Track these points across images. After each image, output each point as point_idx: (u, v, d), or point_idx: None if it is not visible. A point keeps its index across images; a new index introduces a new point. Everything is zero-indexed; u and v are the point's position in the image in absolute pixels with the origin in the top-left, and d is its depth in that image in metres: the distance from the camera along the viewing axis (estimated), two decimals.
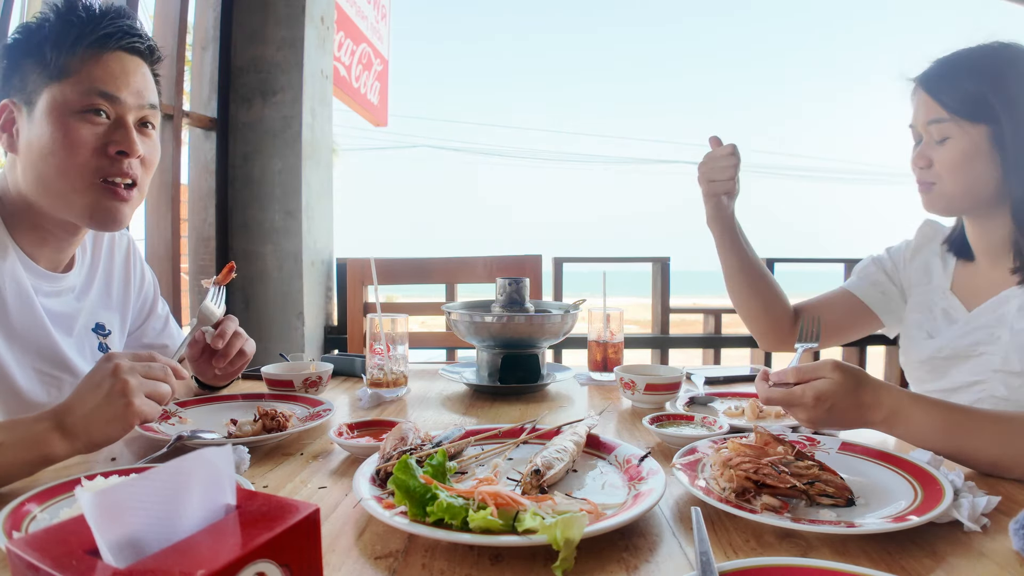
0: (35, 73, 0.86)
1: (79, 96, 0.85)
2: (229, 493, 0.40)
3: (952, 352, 1.04)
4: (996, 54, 0.98)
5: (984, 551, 0.56)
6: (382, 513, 0.59)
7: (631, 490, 0.67)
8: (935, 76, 1.00)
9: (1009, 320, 0.97)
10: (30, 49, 0.86)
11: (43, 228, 0.93)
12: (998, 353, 0.97)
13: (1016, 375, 0.95)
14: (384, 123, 4.68)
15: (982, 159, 0.96)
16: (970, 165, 0.97)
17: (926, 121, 1.00)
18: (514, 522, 0.56)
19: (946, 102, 0.97)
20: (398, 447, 0.73)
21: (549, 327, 1.22)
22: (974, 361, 1.01)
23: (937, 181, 1.00)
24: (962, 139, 0.96)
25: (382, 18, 4.40)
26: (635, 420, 1.02)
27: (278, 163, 2.40)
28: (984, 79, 0.95)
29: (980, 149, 0.96)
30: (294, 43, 2.37)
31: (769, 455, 0.67)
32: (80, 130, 0.86)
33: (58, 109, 0.85)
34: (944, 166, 0.99)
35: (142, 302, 1.17)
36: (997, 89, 0.94)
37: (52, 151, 0.85)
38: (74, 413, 0.72)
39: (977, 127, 0.95)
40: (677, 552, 0.57)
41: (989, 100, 0.94)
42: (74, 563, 0.34)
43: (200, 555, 0.35)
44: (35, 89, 0.86)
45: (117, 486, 0.35)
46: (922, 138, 1.02)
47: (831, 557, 0.54)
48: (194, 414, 1.01)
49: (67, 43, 0.85)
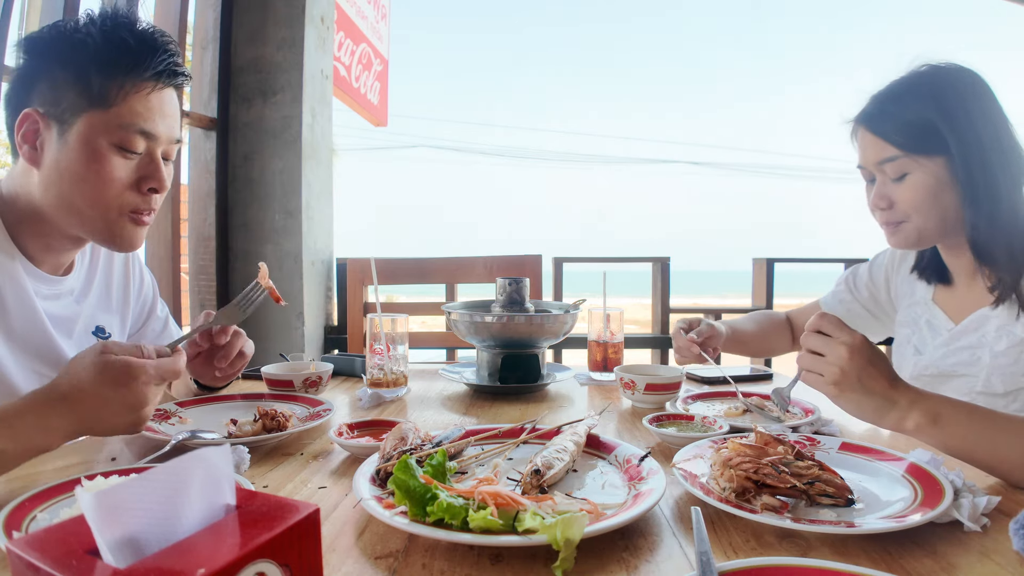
0: (73, 93, 0.83)
1: (119, 130, 0.85)
2: (229, 493, 0.40)
3: (937, 371, 1.03)
4: (932, 79, 0.95)
5: (984, 551, 0.56)
6: (382, 513, 0.59)
7: (631, 490, 0.67)
8: (876, 113, 0.97)
9: (989, 342, 0.96)
10: (68, 65, 0.84)
11: (50, 237, 0.92)
12: (980, 375, 0.97)
13: (999, 397, 0.95)
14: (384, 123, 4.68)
15: (946, 190, 0.94)
16: (936, 199, 0.94)
17: (877, 161, 0.97)
18: (514, 522, 0.56)
19: (894, 139, 0.94)
20: (398, 447, 0.73)
21: (549, 327, 1.22)
22: (958, 381, 1.00)
23: (905, 219, 0.98)
24: (922, 174, 0.94)
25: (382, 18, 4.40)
26: (635, 420, 1.02)
27: (278, 163, 2.40)
28: (927, 107, 0.93)
29: (942, 181, 0.93)
30: (294, 43, 2.37)
31: (769, 455, 0.67)
32: (115, 164, 0.86)
33: (96, 139, 0.84)
34: (910, 204, 0.96)
35: (141, 304, 1.17)
36: (942, 115, 0.92)
37: (84, 179, 0.85)
38: (84, 406, 0.71)
39: (933, 160, 0.93)
40: (677, 552, 0.57)
41: (937, 128, 0.92)
42: (74, 563, 0.34)
43: (200, 555, 0.35)
44: (71, 110, 0.84)
45: (117, 486, 0.35)
46: (875, 178, 1.00)
47: (831, 557, 0.54)
48: (194, 414, 1.01)
49: (115, 74, 0.84)
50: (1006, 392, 0.94)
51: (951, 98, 0.93)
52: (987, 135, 0.91)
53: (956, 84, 0.95)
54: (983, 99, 0.94)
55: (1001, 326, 0.95)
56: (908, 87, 0.96)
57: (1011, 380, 0.93)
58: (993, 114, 0.93)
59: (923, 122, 0.92)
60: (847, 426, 1.00)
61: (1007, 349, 0.93)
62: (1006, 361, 0.94)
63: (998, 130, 0.93)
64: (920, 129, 0.93)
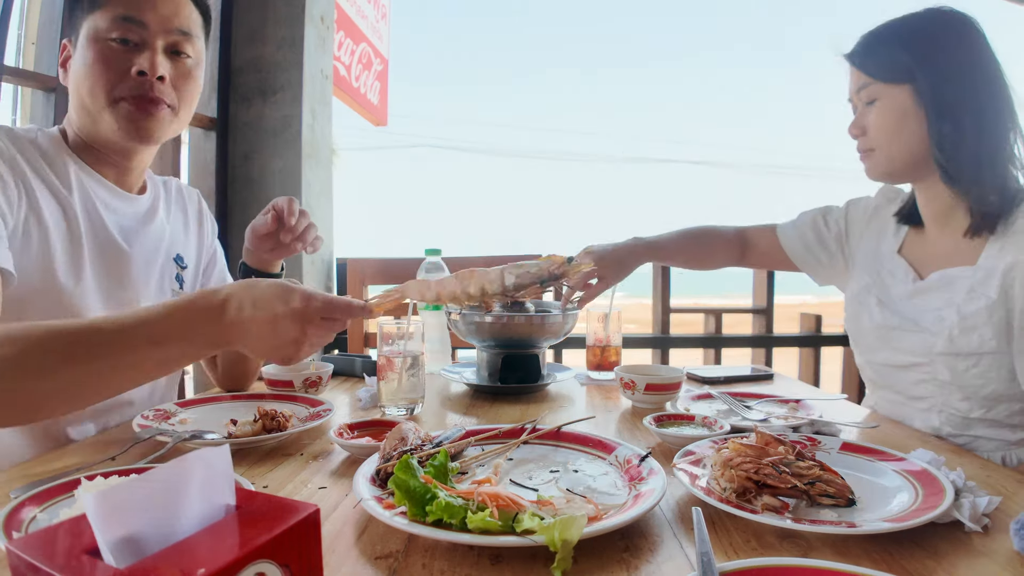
0: (79, 8, 0.94)
1: (108, 23, 0.91)
2: (229, 493, 0.40)
3: (899, 320, 1.05)
4: (919, 20, 1.01)
5: (985, 551, 0.56)
6: (382, 513, 0.59)
7: (631, 490, 0.67)
8: (860, 49, 1.04)
9: (958, 302, 0.97)
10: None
11: (98, 151, 0.99)
12: (942, 334, 0.97)
13: (963, 357, 0.96)
14: (384, 123, 4.67)
15: (911, 119, 0.99)
16: (900, 125, 1.00)
17: (855, 90, 1.04)
18: (513, 523, 0.55)
19: (870, 69, 1.01)
20: (398, 447, 0.73)
21: (549, 327, 1.22)
22: (919, 337, 1.01)
23: (875, 147, 1.04)
24: (888, 100, 1.00)
25: (382, 17, 4.39)
26: (635, 420, 1.02)
27: (278, 163, 2.39)
28: (903, 43, 0.99)
29: (907, 109, 0.99)
30: (294, 42, 2.36)
31: (770, 455, 0.67)
32: (107, 55, 0.92)
33: (91, 37, 0.92)
34: (877, 129, 1.02)
35: (210, 246, 1.25)
36: (915, 50, 0.97)
37: (85, 75, 0.93)
38: (249, 335, 0.72)
39: (901, 87, 0.99)
40: (678, 552, 0.57)
41: (906, 58, 0.98)
42: (74, 563, 0.34)
43: (200, 555, 0.35)
44: (78, 23, 0.94)
45: (117, 486, 0.35)
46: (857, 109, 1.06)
47: (832, 557, 0.54)
48: (194, 414, 1.01)
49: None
50: (970, 353, 0.95)
51: (926, 33, 0.99)
52: (959, 68, 0.96)
53: (937, 21, 1.00)
54: (965, 37, 0.98)
55: (973, 288, 0.96)
56: (891, 26, 1.03)
57: (978, 342, 0.94)
58: (973, 52, 0.98)
59: (894, 53, 0.99)
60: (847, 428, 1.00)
61: (976, 311, 0.94)
62: (973, 323, 0.95)
63: (975, 66, 0.97)
64: (890, 59, 1.00)
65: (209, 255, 1.25)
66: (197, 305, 0.72)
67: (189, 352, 0.73)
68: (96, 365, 0.69)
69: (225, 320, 0.71)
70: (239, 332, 0.72)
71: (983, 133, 0.95)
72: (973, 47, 0.98)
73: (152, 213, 1.09)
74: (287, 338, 0.72)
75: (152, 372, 0.73)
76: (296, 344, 0.73)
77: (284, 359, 0.74)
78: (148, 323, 0.70)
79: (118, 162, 1.01)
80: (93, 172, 0.99)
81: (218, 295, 0.72)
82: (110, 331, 0.69)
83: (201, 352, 0.75)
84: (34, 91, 1.72)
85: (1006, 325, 0.93)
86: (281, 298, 0.72)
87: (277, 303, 0.71)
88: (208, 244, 1.24)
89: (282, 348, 0.73)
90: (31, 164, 0.92)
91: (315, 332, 0.73)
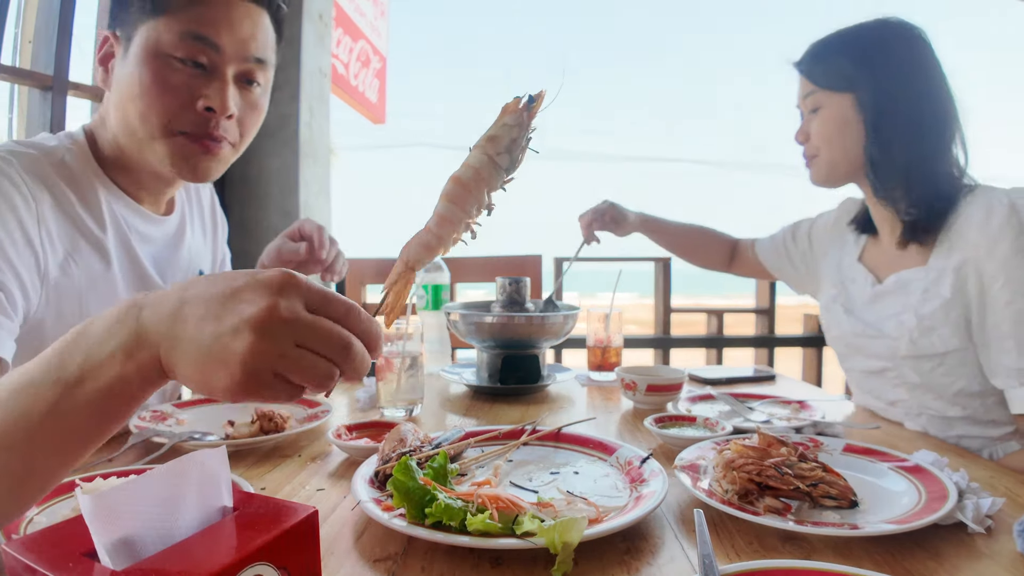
0: (135, 5, 0.79)
1: (174, 38, 0.78)
2: (226, 495, 0.40)
3: (864, 327, 1.06)
4: (865, 30, 1.03)
5: (988, 553, 0.56)
6: (381, 515, 0.58)
7: (633, 492, 0.67)
8: (808, 57, 1.06)
9: (914, 304, 0.98)
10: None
11: (134, 171, 0.88)
12: (903, 337, 0.98)
13: (927, 359, 0.97)
14: (383, 121, 4.67)
15: (851, 127, 1.01)
16: (841, 132, 1.02)
17: (801, 97, 1.07)
18: (513, 525, 0.55)
19: (815, 78, 1.04)
20: (397, 449, 0.73)
21: (549, 327, 1.22)
22: (883, 343, 1.03)
23: (817, 152, 1.07)
24: (831, 107, 1.03)
25: (380, 15, 4.39)
26: (636, 421, 1.02)
27: (275, 162, 2.39)
28: (847, 53, 1.01)
29: (848, 117, 1.01)
30: (291, 40, 2.36)
31: (772, 457, 0.67)
32: (168, 75, 0.78)
33: (150, 49, 0.78)
34: (819, 136, 1.05)
35: (222, 257, 1.18)
36: (858, 60, 1.00)
37: (139, 95, 0.79)
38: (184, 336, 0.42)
39: (843, 96, 1.01)
40: (679, 554, 0.56)
41: (850, 71, 1.00)
42: (71, 565, 0.34)
43: (198, 558, 0.35)
44: (133, 23, 0.79)
45: (115, 488, 0.35)
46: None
47: (834, 559, 0.54)
48: (191, 415, 1.00)
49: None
50: (933, 355, 0.96)
51: (871, 43, 1.01)
52: (899, 80, 0.98)
53: (883, 32, 1.02)
54: (910, 48, 1.00)
55: (927, 288, 0.97)
56: (839, 35, 1.05)
57: (939, 342, 0.95)
58: (916, 63, 0.99)
59: (838, 62, 1.02)
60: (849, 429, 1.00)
61: (933, 312, 0.95)
62: (931, 323, 0.96)
63: (916, 77, 0.99)
64: (834, 68, 1.02)
65: (220, 259, 1.18)
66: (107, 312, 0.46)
67: (112, 385, 0.42)
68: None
69: (144, 303, 0.44)
70: (165, 318, 0.42)
71: (916, 145, 0.97)
72: (916, 58, 1.00)
73: (181, 232, 1.01)
74: (236, 321, 0.40)
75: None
76: (253, 340, 0.40)
77: (228, 373, 0.40)
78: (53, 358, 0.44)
79: (157, 187, 0.93)
80: (124, 196, 0.89)
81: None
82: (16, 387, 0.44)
83: (126, 379, 0.42)
84: (31, 90, 1.72)
85: (965, 322, 0.94)
86: (245, 272, 0.43)
87: (238, 275, 0.43)
88: (221, 246, 1.17)
89: (225, 346, 0.40)
90: (60, 203, 0.80)
91: (286, 338, 0.41)
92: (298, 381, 0.42)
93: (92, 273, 0.84)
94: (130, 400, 0.44)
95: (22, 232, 0.75)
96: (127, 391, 0.43)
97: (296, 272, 0.43)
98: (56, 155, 0.82)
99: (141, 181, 0.90)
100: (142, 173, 0.89)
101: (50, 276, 0.79)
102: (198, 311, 0.41)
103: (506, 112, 0.61)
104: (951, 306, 0.94)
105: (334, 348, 0.42)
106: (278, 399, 0.42)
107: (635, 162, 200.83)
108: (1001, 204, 0.91)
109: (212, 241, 1.13)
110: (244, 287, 0.42)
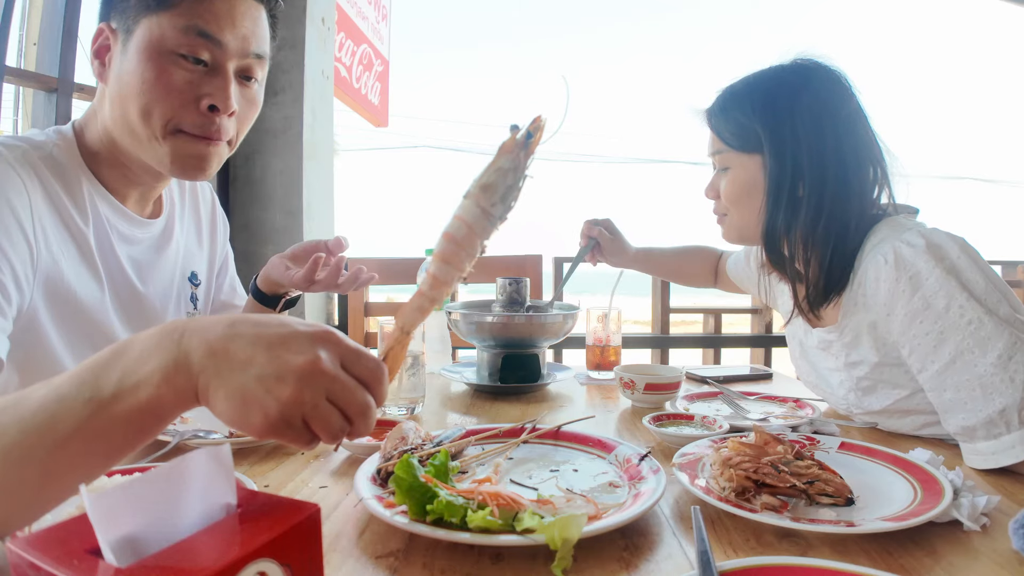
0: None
1: (177, 33, 0.76)
2: (230, 492, 0.41)
3: (816, 378, 1.05)
4: (774, 79, 0.94)
5: (984, 550, 0.56)
6: (383, 512, 0.59)
7: (631, 489, 0.67)
8: (716, 109, 0.98)
9: (843, 366, 0.95)
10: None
11: (125, 167, 0.87)
12: (848, 398, 0.98)
13: (876, 413, 0.95)
14: (385, 123, 4.68)
15: (760, 191, 0.94)
16: (749, 196, 0.95)
17: (710, 153, 1.00)
18: (513, 522, 0.56)
19: (724, 136, 0.96)
20: (399, 446, 0.73)
21: (549, 327, 1.23)
22: (833, 398, 1.02)
23: (726, 212, 1.00)
24: (739, 169, 0.95)
25: (383, 19, 4.39)
26: (635, 420, 1.03)
27: (279, 163, 2.40)
28: (755, 108, 0.92)
29: (756, 181, 0.94)
30: (295, 43, 2.37)
31: (769, 454, 0.67)
32: (170, 72, 0.77)
33: (153, 45, 0.77)
34: (728, 197, 0.98)
35: (222, 250, 1.15)
36: (765, 117, 0.91)
37: (140, 91, 0.77)
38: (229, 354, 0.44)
39: (752, 157, 0.94)
40: (677, 551, 0.57)
41: (758, 131, 0.92)
42: (75, 563, 0.34)
43: (201, 554, 0.35)
44: (134, 17, 0.78)
45: (119, 486, 0.35)
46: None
47: (831, 556, 0.54)
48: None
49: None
50: (881, 410, 0.93)
51: (781, 100, 0.91)
52: (811, 141, 0.89)
53: (794, 78, 0.92)
54: (827, 103, 0.90)
55: (849, 353, 0.93)
56: (748, 87, 0.96)
57: (884, 398, 0.92)
58: (831, 119, 0.89)
59: (748, 121, 0.93)
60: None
61: (866, 375, 0.92)
62: (869, 384, 0.93)
63: (827, 131, 0.89)
64: (745, 128, 0.93)
65: (221, 260, 1.16)
66: (150, 331, 0.47)
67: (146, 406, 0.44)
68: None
69: (184, 329, 0.45)
70: (208, 351, 0.44)
71: (816, 216, 0.89)
72: (829, 108, 0.90)
73: (167, 235, 0.99)
74: (282, 368, 0.43)
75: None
76: (295, 388, 0.43)
77: (264, 414, 0.43)
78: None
79: (147, 182, 0.91)
80: (108, 196, 0.87)
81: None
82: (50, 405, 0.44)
83: (160, 401, 0.44)
84: (35, 92, 1.73)
85: (903, 371, 0.89)
86: (291, 320, 0.47)
87: (284, 322, 0.46)
88: (220, 247, 1.15)
89: (268, 390, 0.43)
90: (48, 194, 0.80)
91: (322, 391, 0.44)
92: (316, 430, 0.45)
93: (77, 266, 0.84)
94: (159, 421, 0.45)
95: (17, 223, 0.75)
96: (158, 412, 0.44)
97: (336, 329, 0.47)
98: (44, 149, 0.82)
99: (130, 176, 0.89)
100: (133, 168, 0.87)
101: (42, 267, 0.79)
102: (245, 351, 0.44)
103: (502, 152, 0.57)
104: (882, 367, 0.90)
105: (355, 409, 0.46)
106: (298, 443, 0.45)
107: (635, 162, 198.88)
108: (887, 263, 0.83)
109: (211, 241, 1.11)
110: (291, 336, 0.45)
